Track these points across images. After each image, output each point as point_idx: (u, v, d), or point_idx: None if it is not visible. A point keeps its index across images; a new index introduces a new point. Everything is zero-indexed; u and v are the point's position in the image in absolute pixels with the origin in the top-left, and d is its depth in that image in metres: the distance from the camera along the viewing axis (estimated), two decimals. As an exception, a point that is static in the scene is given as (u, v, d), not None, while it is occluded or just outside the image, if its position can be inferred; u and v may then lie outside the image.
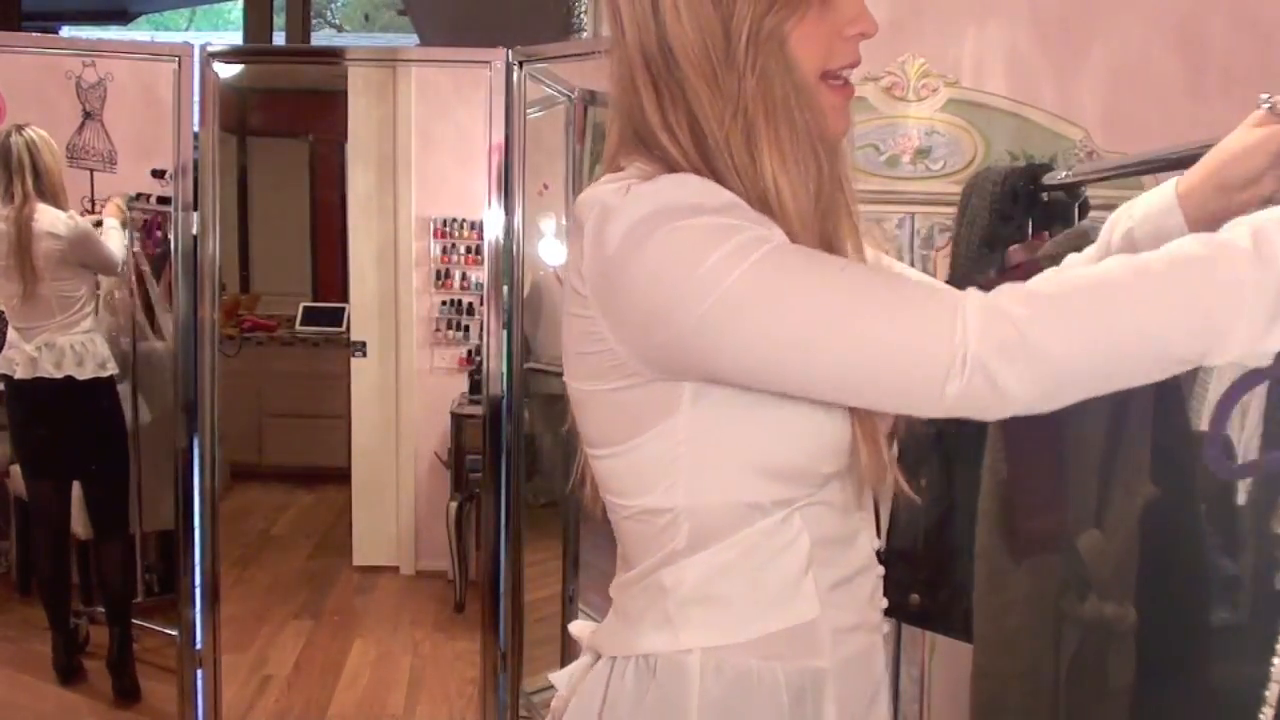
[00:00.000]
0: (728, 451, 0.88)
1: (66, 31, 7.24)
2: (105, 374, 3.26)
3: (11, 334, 3.19)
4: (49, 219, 3.16)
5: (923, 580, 1.80)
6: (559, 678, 1.04)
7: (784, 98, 0.86)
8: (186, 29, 9.63)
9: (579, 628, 1.04)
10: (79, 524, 3.36)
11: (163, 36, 8.34)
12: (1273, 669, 0.96)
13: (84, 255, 3.22)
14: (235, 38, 7.27)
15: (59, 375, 3.17)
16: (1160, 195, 1.00)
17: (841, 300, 0.81)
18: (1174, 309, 0.77)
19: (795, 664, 0.90)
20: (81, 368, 3.20)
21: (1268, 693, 0.95)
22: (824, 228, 0.90)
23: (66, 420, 3.23)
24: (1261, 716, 0.97)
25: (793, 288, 0.81)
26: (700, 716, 0.89)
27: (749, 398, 0.86)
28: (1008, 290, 0.80)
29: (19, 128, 3.15)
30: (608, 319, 0.87)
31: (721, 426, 0.87)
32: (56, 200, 3.19)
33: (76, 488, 3.35)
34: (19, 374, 3.15)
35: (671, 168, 0.87)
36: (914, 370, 0.79)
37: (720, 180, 0.86)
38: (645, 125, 0.89)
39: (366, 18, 10.17)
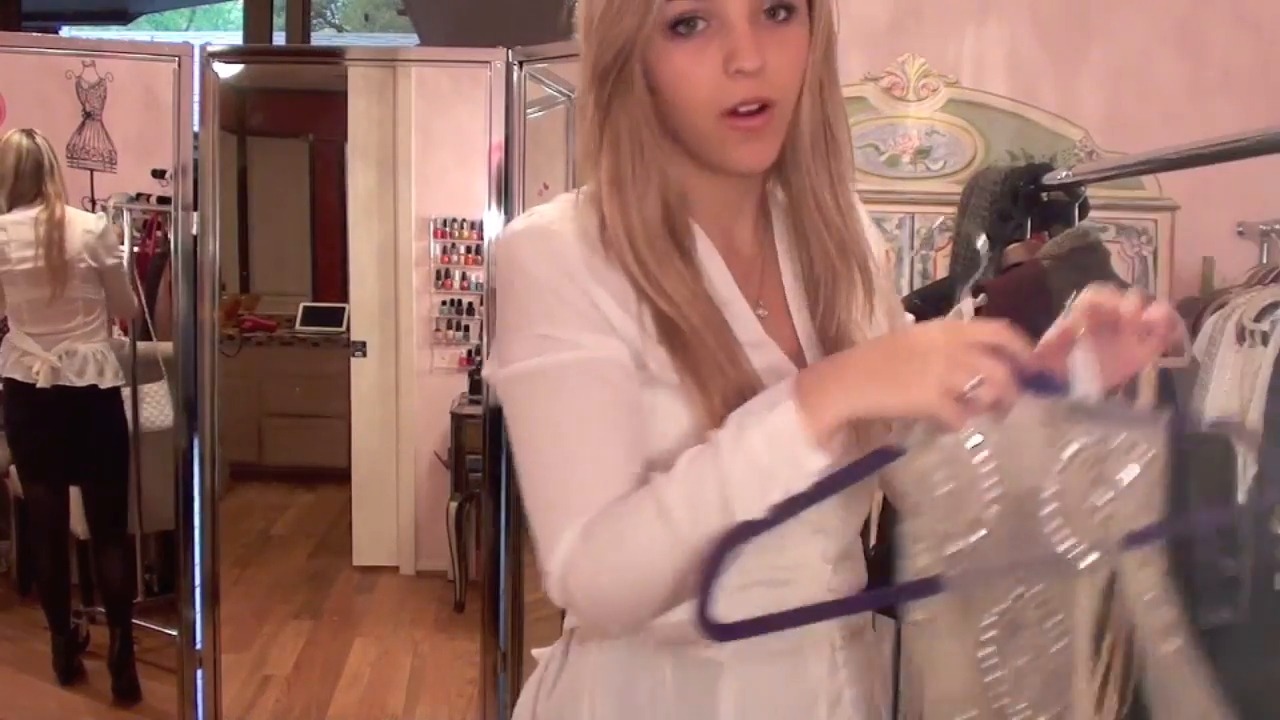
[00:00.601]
0: None
1: (66, 31, 7.23)
2: (120, 382, 3.29)
3: (24, 340, 3.16)
4: (79, 218, 3.21)
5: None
6: (541, 653, 1.06)
7: (631, 132, 0.88)
8: (186, 29, 9.63)
9: None
10: (78, 524, 3.36)
11: (163, 36, 8.33)
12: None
13: (106, 259, 3.22)
14: (235, 38, 7.26)
15: (81, 384, 3.18)
16: None
17: (538, 457, 0.87)
18: (693, 529, 0.78)
19: (686, 652, 0.91)
20: (102, 377, 3.22)
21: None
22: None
23: (82, 428, 3.23)
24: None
25: (535, 411, 0.87)
26: (592, 689, 0.94)
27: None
28: (590, 538, 0.83)
29: (30, 132, 3.16)
30: None
31: None
32: (69, 202, 3.22)
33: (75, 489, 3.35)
34: (41, 382, 3.13)
35: (590, 188, 0.92)
36: (534, 524, 0.87)
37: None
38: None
39: (366, 18, 10.16)
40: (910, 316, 1.12)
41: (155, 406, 3.55)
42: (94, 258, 3.18)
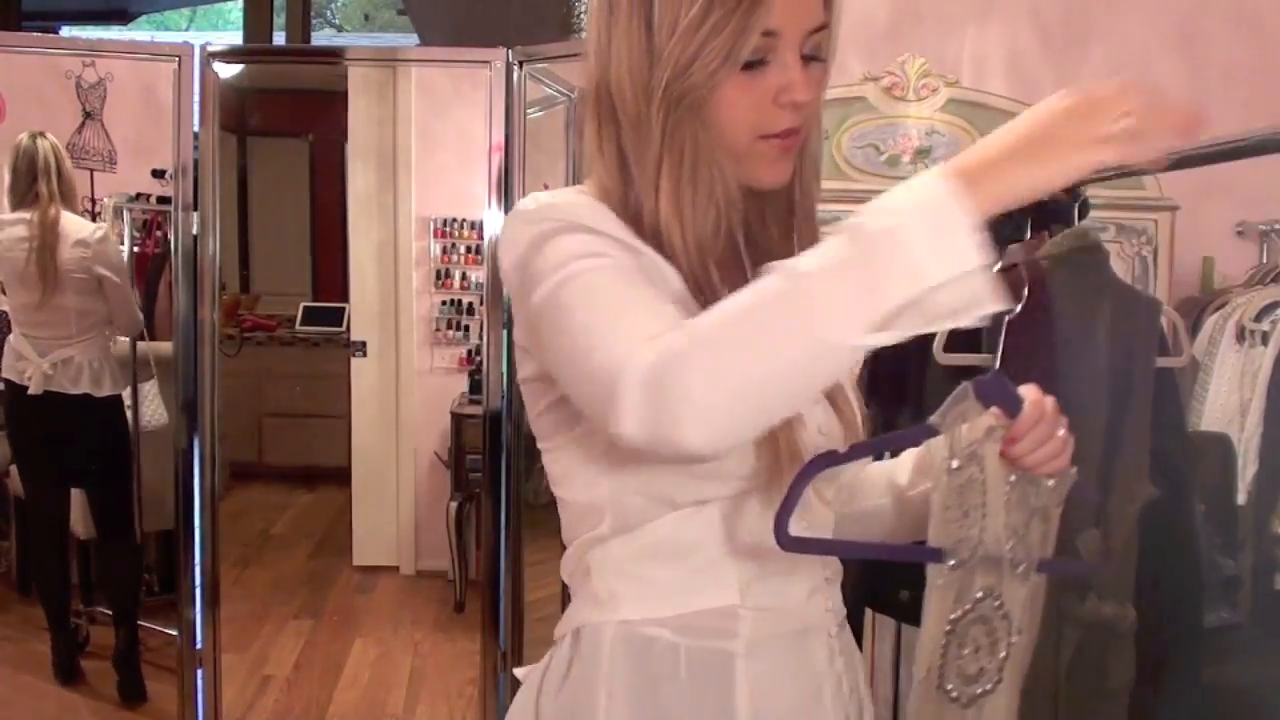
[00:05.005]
0: (644, 452, 0.86)
1: (66, 31, 7.24)
2: (119, 390, 3.28)
3: (21, 343, 3.14)
4: (75, 226, 3.16)
5: (913, 577, 1.80)
6: (522, 672, 1.07)
7: (694, 153, 0.92)
8: (186, 29, 9.63)
9: None
10: (79, 525, 3.36)
11: (163, 36, 8.34)
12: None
13: (102, 271, 3.17)
14: (235, 38, 7.26)
15: (76, 391, 3.16)
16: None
17: (593, 318, 0.84)
18: (824, 314, 0.74)
19: (702, 643, 0.94)
20: (99, 385, 3.20)
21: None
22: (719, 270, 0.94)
23: (79, 433, 3.21)
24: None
25: (587, 295, 0.86)
26: (607, 683, 0.94)
27: None
28: (681, 332, 0.78)
29: (40, 134, 3.15)
30: (515, 313, 0.96)
31: None
32: (72, 208, 3.19)
33: (77, 490, 3.34)
34: (32, 389, 3.11)
35: (602, 188, 0.95)
36: (591, 390, 0.82)
37: (634, 208, 0.93)
38: (588, 146, 0.98)
39: (366, 18, 10.17)
40: None
41: (147, 406, 3.54)
42: (85, 270, 3.13)
